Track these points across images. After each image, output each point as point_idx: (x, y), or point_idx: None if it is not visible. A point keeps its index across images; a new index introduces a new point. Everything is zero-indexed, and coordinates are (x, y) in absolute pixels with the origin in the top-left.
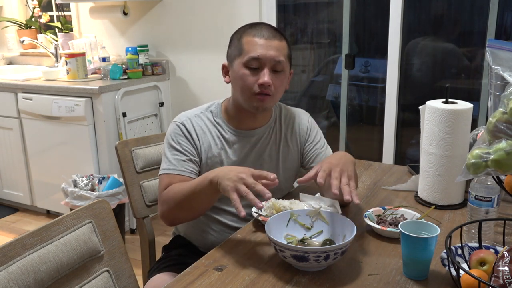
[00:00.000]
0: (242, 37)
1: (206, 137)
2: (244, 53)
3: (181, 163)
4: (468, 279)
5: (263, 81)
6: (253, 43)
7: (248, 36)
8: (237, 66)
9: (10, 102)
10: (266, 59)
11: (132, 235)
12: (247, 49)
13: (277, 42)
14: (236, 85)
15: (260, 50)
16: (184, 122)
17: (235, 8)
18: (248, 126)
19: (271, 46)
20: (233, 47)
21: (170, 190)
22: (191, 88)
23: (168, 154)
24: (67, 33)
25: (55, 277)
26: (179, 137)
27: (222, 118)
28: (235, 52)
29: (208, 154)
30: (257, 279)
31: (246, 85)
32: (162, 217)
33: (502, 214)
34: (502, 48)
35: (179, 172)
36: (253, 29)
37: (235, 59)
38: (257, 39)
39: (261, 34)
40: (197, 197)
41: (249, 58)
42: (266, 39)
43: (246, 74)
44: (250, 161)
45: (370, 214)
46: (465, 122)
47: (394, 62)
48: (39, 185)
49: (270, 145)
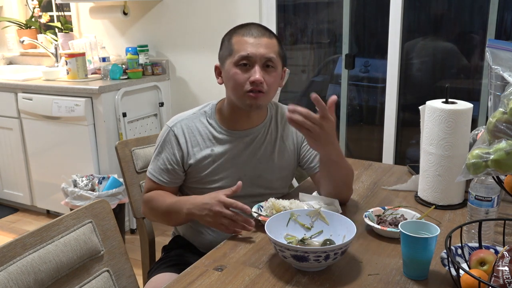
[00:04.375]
0: (232, 37)
1: (195, 139)
2: (234, 52)
3: (161, 172)
4: (468, 279)
5: (254, 78)
6: (243, 42)
7: (238, 36)
8: (228, 66)
9: (10, 102)
10: (256, 57)
11: (132, 235)
12: (237, 48)
13: (266, 40)
14: (229, 84)
15: (250, 49)
16: (174, 127)
17: (235, 8)
18: (243, 126)
19: (261, 43)
20: (224, 48)
21: (150, 198)
22: (191, 88)
23: (154, 155)
24: (67, 33)
25: (55, 277)
26: (166, 144)
27: (215, 118)
28: (225, 53)
29: (197, 155)
30: (257, 279)
31: (238, 83)
32: (144, 215)
33: (502, 214)
34: (502, 48)
35: (158, 181)
36: (242, 29)
37: (226, 59)
38: (247, 38)
39: (250, 33)
40: (173, 218)
41: (239, 57)
42: (255, 37)
43: (237, 73)
44: (243, 160)
45: (370, 214)
46: (465, 122)
47: (394, 62)
48: (39, 185)
49: (265, 145)
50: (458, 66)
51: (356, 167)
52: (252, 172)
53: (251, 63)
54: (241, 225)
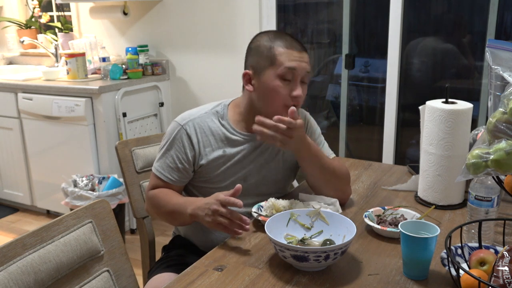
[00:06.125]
0: (274, 49)
1: (208, 139)
2: (278, 63)
3: (169, 170)
4: (468, 279)
5: (298, 94)
6: (289, 54)
7: (280, 47)
8: (269, 77)
9: (10, 102)
10: (301, 71)
11: (132, 235)
12: (282, 60)
13: (306, 55)
14: (266, 95)
15: (296, 62)
16: (186, 125)
17: (235, 8)
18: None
19: (304, 58)
20: (262, 57)
21: (155, 195)
22: (191, 88)
23: (162, 152)
24: (67, 33)
25: (55, 277)
26: (176, 142)
27: (228, 120)
28: (266, 63)
29: (209, 156)
30: (257, 279)
31: (280, 97)
32: (147, 211)
33: (502, 214)
34: (502, 48)
35: (165, 178)
36: (282, 41)
37: (265, 69)
38: (292, 51)
39: (293, 46)
40: (177, 218)
41: (285, 69)
42: (299, 51)
43: (280, 86)
44: (250, 161)
45: (370, 214)
46: (465, 122)
47: (394, 62)
48: (39, 185)
49: (272, 145)
50: (458, 66)
51: (356, 167)
52: (258, 172)
53: (294, 77)
54: (237, 223)
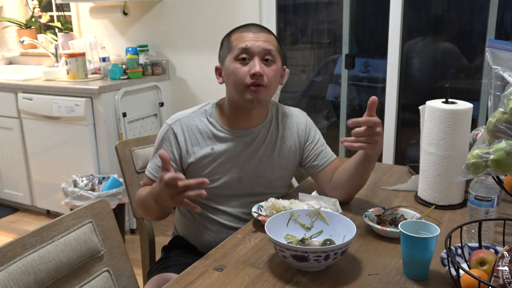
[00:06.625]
0: (231, 36)
1: (195, 137)
2: (233, 48)
3: (157, 169)
4: (468, 279)
5: (254, 70)
6: (242, 37)
7: (236, 33)
8: (228, 63)
9: (10, 102)
10: (255, 49)
11: (132, 235)
12: (236, 44)
13: (265, 35)
14: (229, 81)
15: (248, 42)
16: (173, 125)
17: (235, 8)
18: (243, 126)
19: (259, 37)
20: (223, 48)
21: (140, 191)
22: (191, 88)
23: (153, 153)
24: (67, 33)
25: (55, 277)
26: (164, 142)
27: (216, 117)
28: (225, 51)
29: (197, 154)
30: (257, 279)
31: (239, 78)
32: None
33: (502, 214)
34: (502, 48)
35: (154, 178)
36: (241, 28)
37: (226, 57)
38: (246, 34)
39: (248, 30)
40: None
41: (239, 50)
42: (254, 32)
43: (237, 67)
44: (243, 160)
45: (370, 214)
46: (465, 122)
47: (394, 62)
48: (39, 185)
49: (266, 144)
50: (458, 66)
51: None
52: (252, 172)
53: (251, 56)
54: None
